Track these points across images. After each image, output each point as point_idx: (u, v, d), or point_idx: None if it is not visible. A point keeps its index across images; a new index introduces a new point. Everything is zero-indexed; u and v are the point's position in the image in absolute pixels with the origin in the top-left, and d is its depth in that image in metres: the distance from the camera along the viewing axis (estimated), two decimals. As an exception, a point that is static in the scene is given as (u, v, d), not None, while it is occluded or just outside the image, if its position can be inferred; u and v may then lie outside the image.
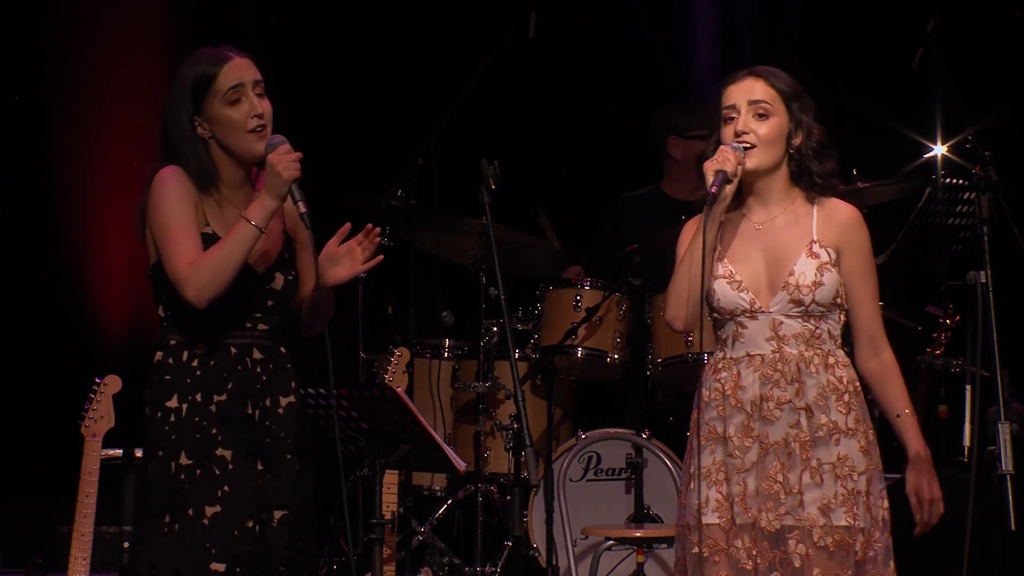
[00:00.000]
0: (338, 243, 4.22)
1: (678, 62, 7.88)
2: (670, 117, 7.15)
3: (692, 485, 4.12)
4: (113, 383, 5.23)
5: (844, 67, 7.23)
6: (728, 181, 4.06)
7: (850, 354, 4.18)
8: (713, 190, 4.04)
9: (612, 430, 6.42)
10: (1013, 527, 4.07)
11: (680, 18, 7.87)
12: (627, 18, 7.75)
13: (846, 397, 4.09)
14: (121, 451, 5.75)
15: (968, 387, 4.18)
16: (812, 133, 4.16)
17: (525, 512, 6.25)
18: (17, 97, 7.23)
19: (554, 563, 6.10)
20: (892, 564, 4.10)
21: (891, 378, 4.16)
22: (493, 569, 6.41)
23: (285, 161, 4.05)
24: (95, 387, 5.22)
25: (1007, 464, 4.07)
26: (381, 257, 4.22)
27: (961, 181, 6.25)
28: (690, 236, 4.17)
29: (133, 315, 7.24)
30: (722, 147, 4.10)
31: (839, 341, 4.16)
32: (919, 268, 6.32)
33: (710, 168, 4.07)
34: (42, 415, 6.83)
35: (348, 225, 4.23)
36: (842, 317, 4.16)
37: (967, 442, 4.15)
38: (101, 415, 5.21)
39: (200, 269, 4.02)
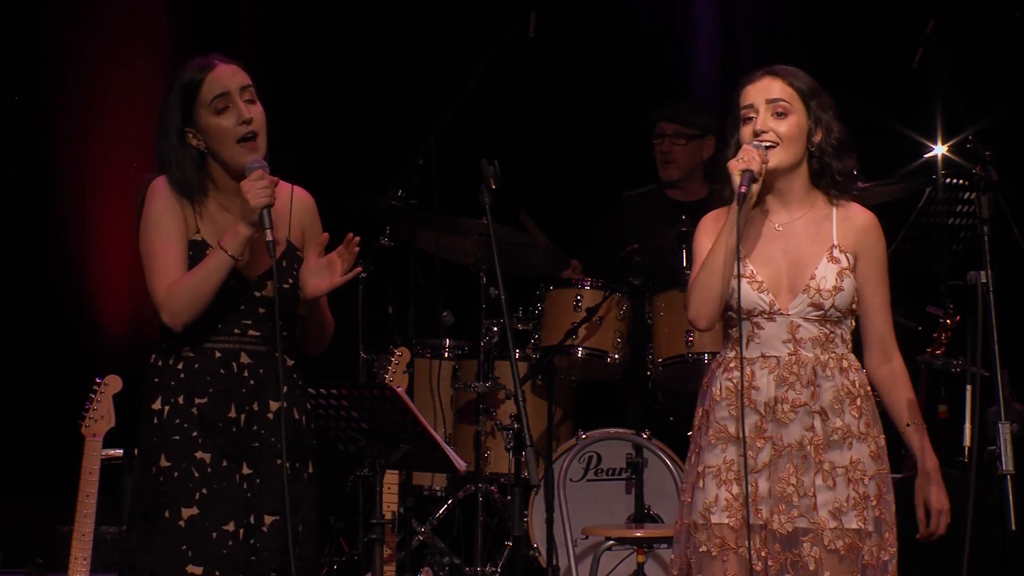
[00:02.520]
0: (318, 255, 4.20)
1: (678, 62, 7.88)
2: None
3: (700, 483, 4.11)
4: (113, 383, 5.23)
5: (844, 67, 7.22)
6: (755, 180, 4.03)
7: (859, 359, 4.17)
8: (743, 190, 4.00)
9: (612, 430, 6.42)
10: (1013, 527, 4.05)
11: (680, 18, 7.87)
12: (627, 18, 7.75)
13: (859, 401, 4.09)
14: (121, 451, 5.76)
15: (968, 387, 4.16)
16: (832, 130, 4.14)
17: (525, 512, 6.25)
18: (17, 97, 7.23)
19: (554, 563, 6.10)
20: (896, 565, 4.09)
21: (901, 386, 4.16)
22: (493, 569, 6.41)
23: (256, 188, 4.04)
24: (95, 387, 5.22)
25: (1007, 464, 4.05)
26: (359, 269, 4.20)
27: (961, 181, 6.24)
28: (707, 232, 4.15)
29: (133, 315, 7.24)
30: (745, 146, 4.07)
31: (850, 346, 4.15)
32: (919, 268, 6.32)
33: (735, 168, 4.03)
34: (42, 415, 6.83)
35: (326, 236, 4.22)
36: (853, 323, 4.15)
37: (967, 442, 4.13)
38: (101, 415, 5.21)
39: (174, 295, 4.06)
